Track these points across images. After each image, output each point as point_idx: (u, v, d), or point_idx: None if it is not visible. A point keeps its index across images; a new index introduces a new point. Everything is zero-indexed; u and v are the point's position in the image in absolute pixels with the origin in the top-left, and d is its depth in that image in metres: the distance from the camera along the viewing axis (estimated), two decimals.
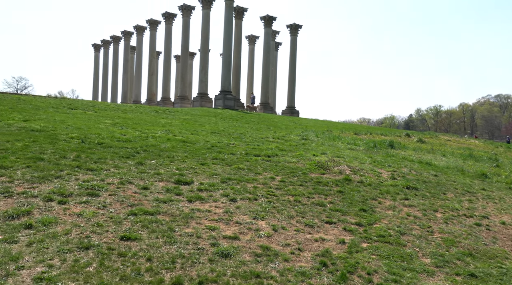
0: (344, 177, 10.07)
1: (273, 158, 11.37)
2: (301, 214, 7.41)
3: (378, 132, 28.27)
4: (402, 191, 9.75)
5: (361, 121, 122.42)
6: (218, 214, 6.84)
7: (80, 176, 7.58)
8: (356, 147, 16.46)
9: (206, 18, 43.62)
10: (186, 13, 46.48)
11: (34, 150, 8.63)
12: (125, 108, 22.92)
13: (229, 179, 8.78)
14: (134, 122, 16.46)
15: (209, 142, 12.91)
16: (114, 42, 61.53)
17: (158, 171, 8.56)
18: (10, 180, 6.86)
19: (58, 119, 13.84)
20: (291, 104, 50.64)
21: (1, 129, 10.41)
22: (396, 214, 8.17)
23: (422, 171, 12.36)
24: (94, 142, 10.29)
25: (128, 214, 6.27)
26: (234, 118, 26.27)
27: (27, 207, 5.94)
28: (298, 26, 51.92)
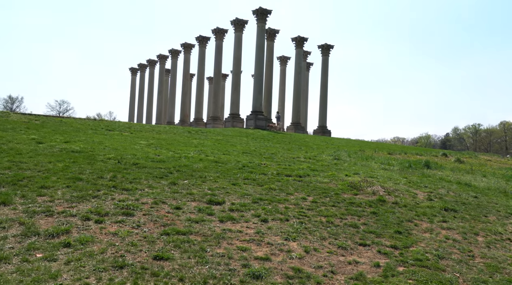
0: (378, 198, 9.84)
1: (305, 178, 11.29)
2: (334, 235, 7.28)
3: (413, 152, 27.55)
4: (439, 213, 9.39)
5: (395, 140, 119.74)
6: (249, 235, 6.83)
7: (116, 195, 7.81)
8: (390, 167, 16.09)
9: (238, 41, 44.56)
10: (219, 36, 47.66)
11: (73, 171, 8.99)
12: (159, 129, 23.53)
13: (260, 199, 8.78)
14: (167, 142, 16.85)
15: (241, 162, 13.00)
16: (150, 66, 63.78)
17: (191, 191, 8.68)
18: (51, 199, 7.15)
19: (96, 140, 14.38)
20: (323, 124, 50.34)
21: (44, 150, 10.92)
22: (434, 237, 7.86)
23: (461, 192, 11.89)
24: (130, 162, 10.59)
25: (161, 234, 6.36)
26: (265, 138, 26.38)
27: (66, 226, 6.15)
28: (329, 46, 52.04)
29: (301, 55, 49.81)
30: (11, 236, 5.66)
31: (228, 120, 43.16)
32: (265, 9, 42.48)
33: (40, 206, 6.79)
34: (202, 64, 50.98)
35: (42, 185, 7.75)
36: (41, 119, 19.87)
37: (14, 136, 12.90)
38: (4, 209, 6.56)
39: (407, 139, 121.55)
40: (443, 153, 28.27)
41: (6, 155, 9.72)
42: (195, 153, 14.05)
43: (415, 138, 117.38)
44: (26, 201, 6.97)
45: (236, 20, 44.45)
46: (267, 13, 42.79)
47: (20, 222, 6.09)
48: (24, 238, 5.63)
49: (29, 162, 9.32)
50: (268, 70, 46.62)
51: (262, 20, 42.71)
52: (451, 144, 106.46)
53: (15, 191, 7.31)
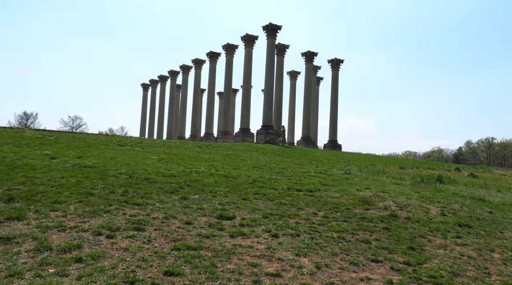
0: (390, 213, 9.72)
1: (316, 193, 11.23)
2: (345, 251, 7.19)
3: (425, 166, 27.25)
4: (453, 228, 9.24)
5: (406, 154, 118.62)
6: (260, 250, 6.78)
7: (127, 210, 7.85)
8: (401, 182, 15.92)
9: (249, 56, 45.02)
10: (229, 52, 48.21)
11: (86, 186, 9.09)
12: (170, 144, 23.70)
13: (271, 214, 8.75)
14: (178, 157, 16.95)
15: (251, 176, 13.00)
16: (161, 81, 64.63)
17: (201, 206, 8.70)
18: (64, 214, 7.23)
19: (108, 155, 14.54)
20: (333, 138, 50.22)
21: (57, 165, 11.08)
22: (448, 253, 7.72)
23: (475, 207, 11.69)
24: (141, 177, 10.67)
25: (172, 249, 6.36)
26: (275, 152, 26.37)
27: (78, 241, 6.19)
28: (339, 61, 52.26)
29: (310, 69, 50.07)
30: (24, 251, 5.71)
31: (238, 134, 43.32)
32: (275, 25, 42.96)
33: (53, 221, 6.86)
34: (213, 79, 51.54)
35: (55, 200, 7.84)
36: (54, 134, 20.18)
37: (28, 152, 13.11)
38: (18, 224, 6.64)
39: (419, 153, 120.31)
40: (456, 167, 27.87)
41: (21, 171, 9.87)
42: (206, 168, 14.10)
43: (427, 152, 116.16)
44: (39, 216, 7.05)
45: (246, 36, 44.99)
46: (277, 29, 43.26)
47: (33, 237, 6.16)
48: (37, 253, 5.68)
49: (43, 177, 9.45)
50: (278, 84, 46.88)
51: (272, 36, 43.18)
52: (464, 158, 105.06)
53: (28, 206, 7.40)
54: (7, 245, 5.87)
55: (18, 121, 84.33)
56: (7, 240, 5.97)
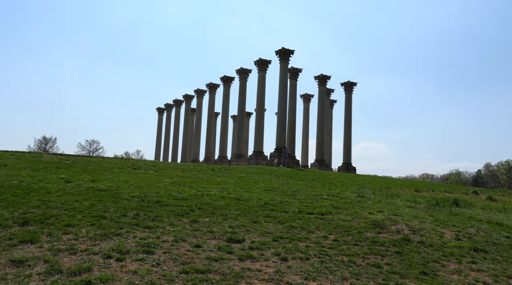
0: (403, 237, 9.57)
1: (327, 216, 11.15)
2: (356, 275, 7.08)
3: (441, 189, 26.77)
4: (468, 253, 9.02)
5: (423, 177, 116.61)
6: (268, 274, 6.74)
7: (138, 233, 7.93)
8: (416, 205, 15.67)
9: (262, 80, 45.58)
10: (243, 76, 48.90)
11: (98, 209, 9.23)
12: (183, 167, 23.90)
13: (281, 237, 8.71)
14: (191, 180, 17.07)
15: (262, 199, 12.99)
16: (176, 106, 65.65)
17: (211, 229, 8.72)
18: (76, 237, 7.34)
19: (122, 179, 14.75)
20: (347, 161, 49.87)
21: (72, 189, 11.29)
22: (463, 279, 7.52)
23: (492, 232, 11.41)
24: (153, 200, 10.79)
25: (180, 272, 6.37)
26: (288, 175, 26.32)
27: (88, 264, 6.26)
28: (352, 84, 52.46)
29: (324, 92, 50.32)
30: (35, 274, 5.80)
31: (252, 157, 43.42)
32: (287, 49, 43.59)
33: (65, 244, 6.96)
34: (227, 103, 52.15)
35: (67, 223, 7.97)
36: (71, 159, 20.60)
37: (45, 176, 13.41)
38: (31, 247, 6.76)
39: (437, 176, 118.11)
40: (473, 190, 27.29)
41: (36, 194, 10.10)
42: (217, 191, 14.16)
43: (445, 175, 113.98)
44: (51, 239, 7.17)
45: (259, 61, 45.69)
46: (289, 53, 43.86)
47: (44, 260, 6.25)
48: (47, 276, 5.76)
49: (57, 200, 9.64)
50: (291, 107, 47.16)
51: (285, 60, 43.75)
52: (484, 181, 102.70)
53: (42, 229, 7.54)
54: (19, 268, 5.97)
55: (37, 146, 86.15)
56: (19, 263, 6.08)
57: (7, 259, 6.19)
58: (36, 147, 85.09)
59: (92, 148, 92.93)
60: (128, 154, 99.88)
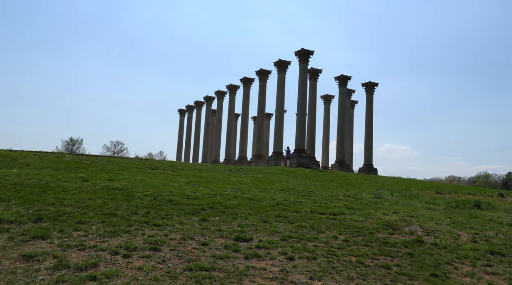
0: (415, 238, 9.36)
1: (339, 217, 11.02)
2: (362, 276, 6.98)
3: (464, 191, 26.04)
4: (484, 256, 8.74)
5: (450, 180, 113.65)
6: (273, 273, 6.72)
7: (147, 231, 8.05)
8: (435, 207, 15.30)
9: (281, 81, 45.47)
10: (262, 77, 48.91)
11: (110, 207, 9.42)
12: (201, 167, 24.10)
13: (290, 237, 8.67)
14: (207, 180, 17.19)
15: (276, 199, 12.96)
16: (197, 107, 66.27)
17: (220, 228, 8.76)
18: (85, 234, 7.51)
19: (138, 178, 15.00)
20: (368, 162, 49.17)
21: (87, 188, 11.56)
22: (475, 282, 7.30)
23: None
24: (165, 199, 10.93)
25: (185, 269, 6.43)
26: (306, 176, 26.15)
27: (95, 259, 6.40)
28: (373, 84, 51.72)
29: (344, 93, 49.79)
30: (43, 269, 5.96)
31: (271, 158, 43.35)
32: (307, 50, 43.36)
33: (75, 241, 7.14)
34: (247, 104, 52.29)
35: (79, 221, 8.17)
36: (91, 159, 21.09)
37: (64, 175, 13.78)
38: (42, 242, 6.96)
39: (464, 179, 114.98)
40: (499, 193, 26.45)
41: (53, 192, 10.39)
42: (231, 191, 14.21)
43: (473, 178, 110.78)
44: (62, 235, 7.37)
45: (279, 62, 45.60)
46: (309, 54, 43.61)
47: (53, 255, 6.43)
48: (55, 271, 5.91)
49: (72, 198, 9.89)
50: (311, 108, 46.86)
51: (304, 61, 43.52)
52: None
53: (54, 226, 7.76)
54: (29, 262, 6.16)
55: (64, 147, 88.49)
56: (29, 258, 6.27)
57: (18, 254, 6.39)
58: (63, 148, 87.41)
59: (117, 149, 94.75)
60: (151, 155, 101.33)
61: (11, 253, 6.40)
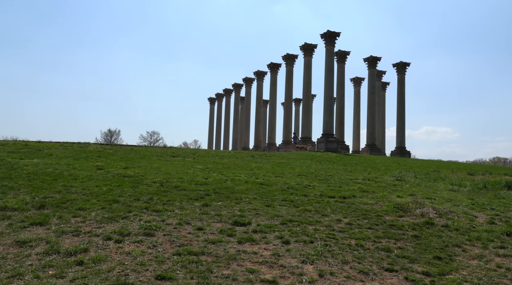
0: (425, 221, 8.92)
1: (349, 200, 10.69)
2: (359, 259, 6.71)
3: (501, 172, 24.67)
4: (499, 237, 8.21)
5: (495, 161, 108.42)
6: (264, 257, 6.59)
7: (145, 217, 8.10)
8: (460, 188, 14.58)
9: (308, 65, 44.67)
10: (289, 62, 48.25)
11: (114, 194, 9.56)
12: (223, 154, 24.17)
13: (291, 221, 8.48)
14: (224, 166, 17.18)
15: (288, 184, 12.76)
16: (226, 95, 66.49)
17: (220, 213, 8.70)
18: (83, 220, 7.66)
19: (154, 166, 15.19)
20: (401, 145, 47.68)
21: (99, 176, 11.82)
22: (483, 264, 6.86)
23: None
24: (172, 185, 10.98)
25: (174, 254, 6.41)
26: (331, 160, 25.66)
27: (86, 245, 6.50)
28: (405, 64, 49.84)
29: (374, 75, 48.31)
30: (34, 254, 6.11)
31: (300, 143, 42.92)
32: (333, 32, 42.26)
33: (71, 227, 7.28)
34: (274, 90, 51.84)
35: (80, 207, 8.34)
36: (114, 148, 21.60)
37: (82, 164, 14.17)
38: (39, 229, 7.16)
39: (510, 159, 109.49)
40: None
41: (63, 180, 10.68)
42: (246, 176, 14.11)
43: None
44: (61, 221, 7.54)
45: (305, 45, 44.77)
46: (335, 36, 42.50)
47: (47, 241, 6.58)
48: (45, 256, 6.05)
49: (79, 186, 10.13)
50: (339, 92, 45.87)
51: (331, 43, 42.48)
52: None
53: (54, 213, 7.96)
54: (22, 248, 6.34)
55: (103, 138, 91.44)
56: (22, 243, 6.45)
57: (12, 239, 6.59)
58: (102, 139, 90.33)
59: (153, 139, 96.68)
60: (186, 144, 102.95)
61: (6, 239, 6.60)
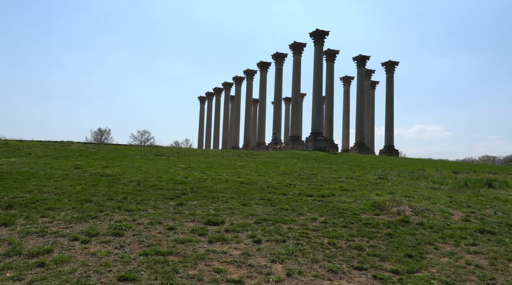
0: (401, 219, 8.90)
1: (327, 198, 10.65)
2: (329, 258, 6.66)
3: (485, 170, 24.90)
4: (472, 235, 8.22)
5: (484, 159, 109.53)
6: (233, 256, 6.50)
7: (116, 216, 7.96)
8: (441, 187, 14.62)
9: (297, 64, 44.64)
10: (278, 61, 48.19)
11: (88, 193, 9.41)
12: (209, 153, 24.04)
13: (265, 220, 8.41)
14: (208, 165, 17.06)
15: (269, 183, 12.69)
16: (216, 94, 66.25)
17: (194, 212, 8.59)
18: (51, 220, 7.49)
19: (135, 165, 15.02)
20: (389, 144, 47.90)
21: (75, 175, 11.63)
22: (453, 262, 6.85)
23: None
24: (150, 184, 10.85)
25: (140, 254, 6.30)
26: (318, 159, 25.66)
27: (50, 246, 6.34)
28: (394, 63, 50.08)
29: (363, 74, 48.45)
30: None
31: (288, 142, 42.94)
32: (321, 31, 42.25)
33: (37, 227, 7.12)
34: (264, 89, 51.76)
35: (49, 207, 8.17)
36: (97, 147, 21.36)
37: (60, 163, 13.96)
38: (3, 229, 6.97)
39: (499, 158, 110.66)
40: None
41: (36, 180, 10.49)
42: (227, 175, 14.01)
43: (509, 156, 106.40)
44: (27, 222, 7.37)
45: (294, 44, 44.72)
46: (324, 35, 42.50)
47: (9, 242, 6.41)
48: (4, 258, 5.87)
49: (52, 185, 9.95)
50: (328, 90, 45.93)
51: (320, 42, 42.47)
52: None
53: (22, 213, 7.78)
54: None
55: (93, 137, 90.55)
56: None
57: None
58: (92, 138, 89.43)
59: (144, 138, 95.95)
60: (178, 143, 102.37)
61: None
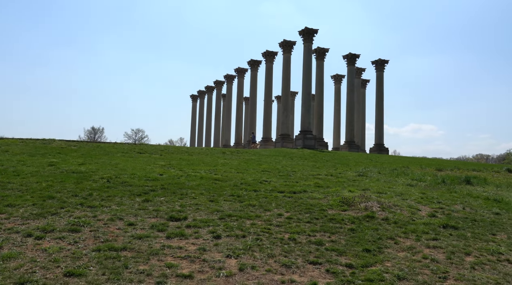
0: (367, 214, 8.90)
1: (298, 195, 10.63)
2: (286, 253, 6.63)
3: (469, 168, 25.10)
4: (434, 230, 8.23)
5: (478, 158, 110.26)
6: (188, 251, 6.46)
7: (77, 213, 7.89)
8: (418, 183, 14.66)
9: (287, 62, 44.63)
10: (269, 59, 48.11)
11: (53, 190, 9.32)
12: (194, 151, 23.96)
13: (230, 215, 8.37)
14: (189, 163, 17.00)
15: (245, 180, 12.65)
16: (208, 92, 66.14)
17: (158, 208, 8.54)
18: (8, 217, 7.40)
19: (113, 162, 14.92)
20: (379, 142, 48.05)
21: (46, 172, 11.53)
22: (409, 256, 6.85)
23: (482, 208, 10.40)
24: (120, 181, 10.78)
25: (93, 250, 6.23)
26: (304, 157, 25.67)
27: (1, 242, 6.26)
28: (384, 62, 50.21)
29: (353, 72, 48.51)
30: None
31: (278, 140, 42.94)
32: (310, 29, 42.27)
33: None
34: (254, 87, 51.72)
35: (9, 204, 8.07)
36: (79, 144, 21.23)
37: (34, 160, 13.84)
38: None
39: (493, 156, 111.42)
40: (507, 168, 25.34)
41: (3, 177, 10.38)
42: (205, 172, 13.97)
43: (502, 155, 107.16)
44: None
45: (283, 42, 44.70)
46: (313, 33, 42.52)
47: None
48: None
49: (18, 182, 9.85)
50: (318, 89, 45.94)
51: (309, 40, 42.50)
52: None
53: None
54: None
55: (87, 136, 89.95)
56: None
57: None
58: (85, 137, 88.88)
59: (138, 137, 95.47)
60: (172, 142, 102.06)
61: None
